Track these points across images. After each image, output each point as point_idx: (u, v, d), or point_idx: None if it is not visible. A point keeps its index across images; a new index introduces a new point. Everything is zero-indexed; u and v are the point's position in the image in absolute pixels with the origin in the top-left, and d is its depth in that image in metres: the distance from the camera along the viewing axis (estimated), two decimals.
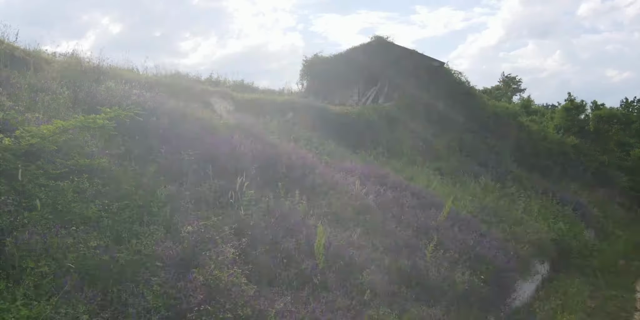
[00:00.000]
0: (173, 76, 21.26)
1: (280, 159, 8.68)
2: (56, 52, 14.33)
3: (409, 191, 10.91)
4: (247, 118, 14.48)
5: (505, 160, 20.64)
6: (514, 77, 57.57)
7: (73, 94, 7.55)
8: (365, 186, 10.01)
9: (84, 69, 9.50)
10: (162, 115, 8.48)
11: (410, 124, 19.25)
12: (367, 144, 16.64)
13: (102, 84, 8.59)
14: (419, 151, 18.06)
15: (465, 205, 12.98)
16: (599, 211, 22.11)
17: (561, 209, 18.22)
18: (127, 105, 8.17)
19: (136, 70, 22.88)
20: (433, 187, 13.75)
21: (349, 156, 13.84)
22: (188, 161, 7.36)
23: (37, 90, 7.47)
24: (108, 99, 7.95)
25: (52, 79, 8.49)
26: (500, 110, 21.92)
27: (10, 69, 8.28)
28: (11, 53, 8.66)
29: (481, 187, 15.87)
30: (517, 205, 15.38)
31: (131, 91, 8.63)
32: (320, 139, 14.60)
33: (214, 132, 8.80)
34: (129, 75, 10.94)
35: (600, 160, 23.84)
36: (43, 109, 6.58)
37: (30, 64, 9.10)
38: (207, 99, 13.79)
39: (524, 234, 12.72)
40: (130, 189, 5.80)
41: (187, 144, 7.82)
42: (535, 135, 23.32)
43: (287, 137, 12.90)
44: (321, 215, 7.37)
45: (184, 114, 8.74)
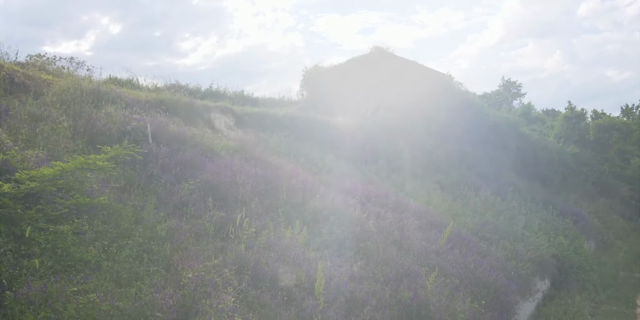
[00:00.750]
0: (173, 87, 21.30)
1: (280, 184, 8.66)
2: (56, 56, 14.41)
3: (410, 211, 10.89)
4: (248, 133, 14.52)
5: (506, 171, 20.62)
6: (514, 81, 57.66)
7: (73, 122, 7.52)
8: (366, 208, 10.02)
9: (84, 91, 9.46)
10: (162, 140, 8.47)
11: (410, 135, 19.23)
12: (367, 157, 16.62)
13: (102, 109, 8.56)
14: (420, 164, 18.02)
15: (466, 222, 12.95)
16: (600, 222, 22.13)
17: (562, 221, 18.20)
18: (128, 132, 8.20)
19: (136, 80, 22.90)
20: (434, 204, 13.74)
21: (350, 172, 13.81)
22: (189, 190, 7.35)
23: (37, 119, 7.44)
24: (108, 126, 7.94)
25: (51, 104, 8.47)
26: (501, 121, 21.90)
27: (11, 96, 8.27)
28: (11, 78, 8.64)
29: (482, 202, 15.85)
30: (518, 220, 15.35)
31: (131, 116, 8.61)
32: (321, 154, 14.57)
33: (215, 157, 8.78)
34: (128, 95, 10.92)
35: (600, 169, 23.81)
36: (43, 142, 6.55)
37: (31, 88, 9.09)
38: (208, 114, 13.79)
39: (525, 251, 12.69)
40: (130, 226, 5.78)
41: (188, 172, 7.82)
42: (536, 145, 23.31)
43: (287, 154, 12.91)
44: (322, 246, 7.34)
45: (184, 138, 8.72)
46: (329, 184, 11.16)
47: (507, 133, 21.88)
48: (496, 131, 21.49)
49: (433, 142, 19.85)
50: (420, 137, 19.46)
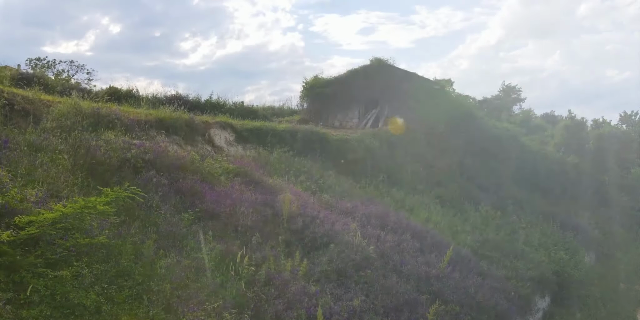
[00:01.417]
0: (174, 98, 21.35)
1: (280, 210, 8.63)
2: (56, 60, 14.29)
3: (410, 232, 10.86)
4: (248, 149, 14.51)
5: (506, 183, 20.60)
6: (513, 86, 57.68)
7: (73, 152, 7.50)
8: (366, 230, 10.00)
9: (84, 114, 9.46)
10: (161, 167, 8.45)
11: (410, 147, 19.21)
12: (368, 171, 16.60)
13: (102, 135, 8.55)
14: (420, 177, 18.01)
15: (466, 240, 12.93)
16: (600, 233, 22.08)
17: (562, 234, 18.16)
18: (128, 159, 8.18)
19: (136, 91, 22.90)
20: (434, 221, 13.71)
21: (350, 189, 13.78)
22: (189, 221, 7.33)
23: (37, 148, 7.44)
24: (108, 154, 7.93)
25: (51, 130, 8.47)
26: (501, 132, 21.88)
27: (10, 123, 8.26)
28: (11, 105, 8.63)
29: (482, 216, 15.83)
30: (518, 235, 15.34)
31: (131, 142, 8.59)
32: (321, 169, 14.56)
33: (215, 182, 8.77)
34: (128, 115, 10.90)
35: (600, 179, 23.80)
36: (43, 176, 6.53)
37: (30, 112, 9.08)
38: (207, 130, 13.77)
39: (525, 269, 12.67)
40: (129, 264, 5.77)
41: (188, 201, 7.81)
42: (536, 155, 23.30)
43: (287, 172, 12.89)
44: (322, 277, 7.32)
45: (183, 164, 8.70)
46: (330, 204, 11.14)
47: (508, 144, 21.85)
48: (497, 142, 21.45)
49: (433, 154, 19.83)
50: (420, 149, 19.44)
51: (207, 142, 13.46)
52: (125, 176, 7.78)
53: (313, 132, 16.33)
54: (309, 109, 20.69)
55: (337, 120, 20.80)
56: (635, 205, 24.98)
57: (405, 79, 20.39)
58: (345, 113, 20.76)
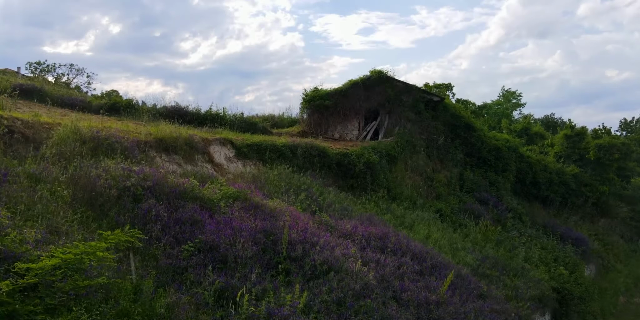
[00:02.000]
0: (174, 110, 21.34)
1: (280, 237, 8.61)
2: (56, 63, 14.29)
3: (410, 254, 10.85)
4: (248, 165, 14.50)
5: (506, 195, 20.60)
6: (513, 91, 57.83)
7: (72, 184, 7.49)
8: (366, 254, 9.99)
9: (84, 139, 9.46)
10: (161, 194, 8.44)
11: (410, 160, 19.23)
12: (368, 186, 16.60)
13: (102, 163, 8.53)
14: (420, 190, 18.02)
15: (466, 259, 12.92)
16: (600, 244, 22.11)
17: (562, 248, 18.18)
18: (127, 187, 8.16)
19: (136, 101, 22.90)
20: (434, 238, 13.71)
21: (350, 206, 13.77)
22: (188, 252, 7.32)
23: (36, 179, 7.43)
24: (107, 183, 7.92)
25: (51, 157, 8.46)
26: (501, 144, 21.89)
27: (10, 152, 8.26)
28: (11, 132, 8.63)
29: (482, 232, 15.82)
30: (518, 252, 15.34)
31: (131, 169, 8.57)
32: (321, 186, 14.55)
33: (214, 210, 8.75)
34: (128, 136, 10.89)
35: (600, 190, 23.80)
36: (42, 211, 6.52)
37: (30, 138, 9.08)
38: (207, 147, 13.76)
39: (525, 288, 12.68)
40: (129, 305, 5.75)
41: (187, 230, 7.79)
42: (536, 166, 23.30)
43: (287, 190, 12.86)
44: (322, 308, 7.31)
45: (183, 191, 8.68)
46: (329, 225, 11.13)
47: (508, 156, 21.86)
48: (496, 154, 21.46)
49: (433, 166, 19.85)
50: (420, 162, 19.46)
51: (207, 160, 13.45)
52: (125, 206, 7.77)
53: (313, 147, 16.30)
54: (308, 121, 20.67)
55: (337, 132, 20.80)
56: (635, 216, 24.99)
57: (405, 91, 20.38)
58: (345, 125, 20.76)
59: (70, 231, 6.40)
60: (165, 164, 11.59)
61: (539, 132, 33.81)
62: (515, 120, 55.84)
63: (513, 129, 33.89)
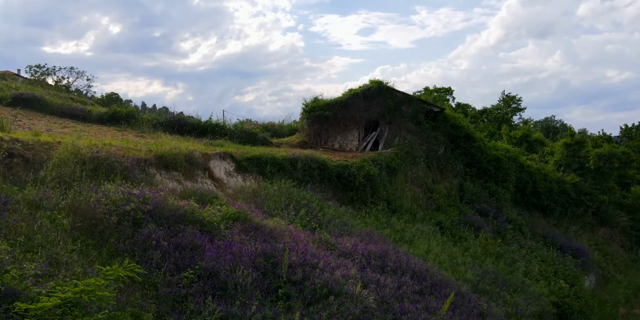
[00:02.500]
0: (174, 119, 21.36)
1: (280, 260, 8.61)
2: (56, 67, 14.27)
3: (410, 273, 10.83)
4: (248, 179, 14.50)
5: (506, 206, 20.60)
6: (513, 96, 57.97)
7: (72, 210, 7.49)
8: (366, 274, 9.98)
9: (84, 160, 9.46)
10: (161, 217, 8.44)
11: (410, 171, 19.23)
12: (368, 198, 16.61)
13: (101, 186, 8.53)
14: (420, 202, 18.01)
15: (466, 275, 12.92)
16: (600, 254, 22.11)
17: (562, 259, 18.18)
18: (127, 212, 8.16)
19: (135, 106, 22.87)
20: (434, 253, 13.71)
21: (350, 220, 13.77)
22: (188, 280, 7.32)
23: (36, 206, 7.43)
24: (107, 208, 7.92)
25: (51, 181, 8.46)
26: (501, 154, 21.90)
27: (10, 176, 8.26)
28: (11, 155, 8.63)
29: (481, 246, 15.81)
30: (518, 266, 15.33)
31: (132, 193, 8.57)
32: (321, 200, 14.56)
33: (214, 233, 8.75)
34: (128, 155, 10.89)
35: (600, 199, 23.81)
36: (42, 241, 6.52)
37: (30, 159, 9.08)
38: (207, 162, 13.77)
39: (525, 304, 12.68)
40: None
41: (187, 256, 7.79)
42: (536, 176, 23.31)
43: (287, 206, 12.86)
44: None
45: (183, 214, 8.68)
46: (330, 244, 11.12)
47: (508, 166, 21.86)
48: (496, 165, 21.46)
49: (433, 177, 19.85)
50: (420, 173, 19.46)
51: (207, 175, 13.45)
52: (125, 231, 7.77)
53: (312, 159, 16.30)
54: (308, 131, 20.68)
55: (337, 142, 20.80)
56: (635, 225, 24.99)
57: (405, 102, 20.40)
58: (345, 135, 20.77)
59: (71, 262, 6.39)
60: (165, 181, 11.60)
61: (538, 139, 33.83)
62: (516, 125, 55.98)
63: (513, 136, 33.90)
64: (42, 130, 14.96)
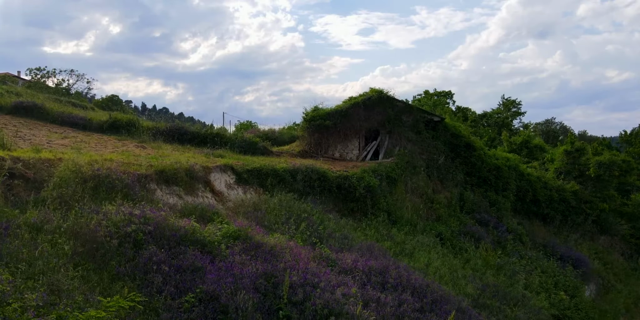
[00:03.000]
0: (175, 128, 21.36)
1: (281, 280, 8.62)
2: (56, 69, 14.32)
3: (410, 289, 10.83)
4: (248, 191, 14.52)
5: (506, 216, 20.60)
6: (513, 100, 58.04)
7: (73, 233, 7.50)
8: (366, 292, 9.99)
9: (85, 178, 9.48)
10: (162, 238, 8.44)
11: (410, 181, 19.23)
12: (368, 209, 16.63)
13: (102, 207, 8.54)
14: (420, 213, 18.02)
15: (466, 289, 12.92)
16: (600, 263, 22.10)
17: (562, 270, 18.18)
18: (129, 234, 8.17)
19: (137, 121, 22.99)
20: (434, 267, 13.71)
21: (350, 235, 13.77)
22: (189, 304, 7.32)
23: (38, 229, 7.44)
24: (108, 230, 7.93)
25: (52, 201, 8.47)
26: (501, 163, 21.91)
27: (11, 197, 8.27)
28: (12, 174, 8.64)
29: (482, 258, 15.82)
30: (518, 278, 15.32)
31: (133, 213, 8.57)
32: (322, 212, 14.57)
33: (215, 253, 8.75)
34: (129, 170, 10.90)
35: (601, 207, 23.82)
36: (43, 269, 6.52)
37: (31, 179, 9.09)
38: (208, 176, 13.77)
39: (526, 319, 12.68)
40: None
41: (188, 278, 7.79)
42: (536, 184, 23.31)
43: (288, 219, 12.87)
44: None
45: (184, 234, 8.68)
46: (330, 260, 11.13)
47: (508, 175, 21.87)
48: (497, 174, 21.47)
49: (433, 187, 19.85)
50: (420, 183, 19.46)
51: (208, 189, 13.46)
52: (126, 254, 7.77)
53: (313, 171, 16.31)
54: (309, 141, 20.68)
55: (338, 151, 20.81)
56: (635, 233, 25.00)
57: (405, 111, 20.42)
58: (345, 144, 20.78)
59: (72, 289, 6.39)
60: (166, 196, 11.62)
61: (539, 144, 33.86)
62: (516, 129, 56.02)
63: (513, 142, 33.92)
64: (43, 142, 15.00)
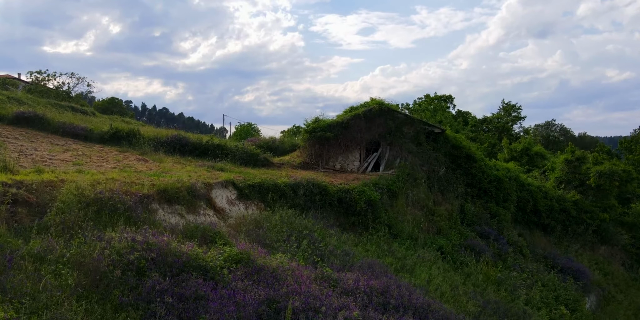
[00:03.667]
0: (176, 139, 21.39)
1: (283, 305, 8.65)
2: (57, 72, 14.39)
3: (412, 310, 10.87)
4: (250, 207, 14.57)
5: (507, 227, 20.63)
6: (513, 104, 58.13)
7: (76, 264, 7.53)
8: (368, 313, 10.02)
9: (87, 201, 9.52)
10: (164, 265, 8.48)
11: (411, 193, 19.27)
12: (369, 223, 16.67)
13: (105, 234, 8.58)
14: (421, 226, 18.05)
15: (467, 307, 12.95)
16: (600, 274, 22.13)
17: (563, 282, 18.21)
18: (132, 261, 8.20)
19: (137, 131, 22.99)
20: (435, 284, 13.74)
21: (352, 251, 13.80)
22: None
23: (41, 259, 7.48)
24: (112, 258, 7.95)
25: (55, 227, 8.51)
26: (501, 174, 21.94)
27: (14, 223, 8.31)
28: (15, 200, 8.68)
29: (483, 273, 15.85)
30: (520, 292, 15.35)
31: (135, 239, 8.61)
32: (322, 228, 14.61)
33: (218, 279, 8.78)
34: (131, 191, 10.94)
35: (601, 217, 23.85)
36: (47, 303, 6.55)
37: (34, 204, 9.13)
38: (209, 193, 13.82)
39: None
40: None
41: (192, 309, 7.82)
42: (537, 194, 23.35)
43: (289, 237, 12.90)
44: None
45: (187, 260, 8.71)
46: (332, 280, 11.16)
47: (508, 186, 21.91)
48: (497, 185, 21.50)
49: (434, 199, 19.88)
50: (421, 195, 19.49)
51: (209, 206, 13.51)
52: (128, 282, 7.80)
53: (314, 185, 16.37)
54: (310, 152, 20.71)
55: (339, 162, 20.85)
56: (635, 243, 25.03)
57: (406, 123, 20.46)
58: (346, 156, 20.81)
59: None
60: (168, 216, 11.67)
61: (539, 152, 33.92)
62: (516, 133, 56.12)
63: (514, 149, 33.97)
64: (45, 158, 15.04)
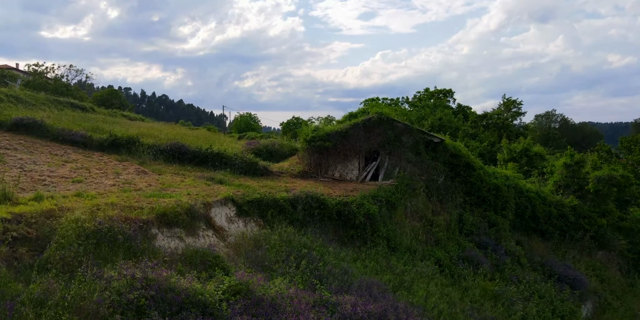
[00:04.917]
0: (176, 146, 21.35)
1: None
2: (55, 65, 14.36)
3: None
4: (249, 224, 14.64)
5: (505, 237, 20.73)
6: (514, 100, 57.96)
7: (76, 309, 7.61)
8: None
9: (86, 233, 9.59)
10: (164, 302, 8.57)
11: (410, 203, 19.33)
12: (368, 237, 16.75)
13: (105, 273, 8.65)
14: (419, 238, 18.14)
15: None
16: (597, 280, 22.31)
17: (559, 293, 18.37)
18: (131, 301, 8.28)
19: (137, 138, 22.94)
20: (433, 302, 13.86)
21: (350, 269, 13.89)
22: None
23: (41, 304, 7.55)
24: (110, 299, 8.04)
25: (54, 265, 8.57)
26: (500, 182, 21.97)
27: (14, 261, 8.37)
28: (14, 237, 8.73)
29: (480, 287, 15.98)
30: (516, 308, 15.50)
31: (135, 276, 8.68)
32: (321, 245, 14.69)
33: (216, 315, 8.88)
34: (130, 218, 10.99)
35: (599, 223, 23.96)
36: None
37: (33, 238, 9.19)
38: (208, 211, 13.87)
39: None
40: None
41: None
42: (535, 201, 23.42)
43: (288, 256, 12.99)
44: None
45: (186, 297, 8.80)
46: (330, 305, 11.26)
47: (507, 193, 21.95)
48: (496, 193, 21.55)
49: (433, 208, 19.95)
50: (420, 205, 19.56)
51: (208, 225, 13.57)
52: None
53: (313, 199, 16.43)
54: (309, 161, 20.73)
55: (338, 171, 20.88)
56: (633, 248, 25.18)
57: (405, 132, 20.44)
58: (345, 164, 20.83)
59: None
60: (167, 240, 11.73)
61: (539, 152, 33.94)
62: (516, 129, 56.03)
63: (513, 150, 33.99)
64: (44, 176, 15.05)
